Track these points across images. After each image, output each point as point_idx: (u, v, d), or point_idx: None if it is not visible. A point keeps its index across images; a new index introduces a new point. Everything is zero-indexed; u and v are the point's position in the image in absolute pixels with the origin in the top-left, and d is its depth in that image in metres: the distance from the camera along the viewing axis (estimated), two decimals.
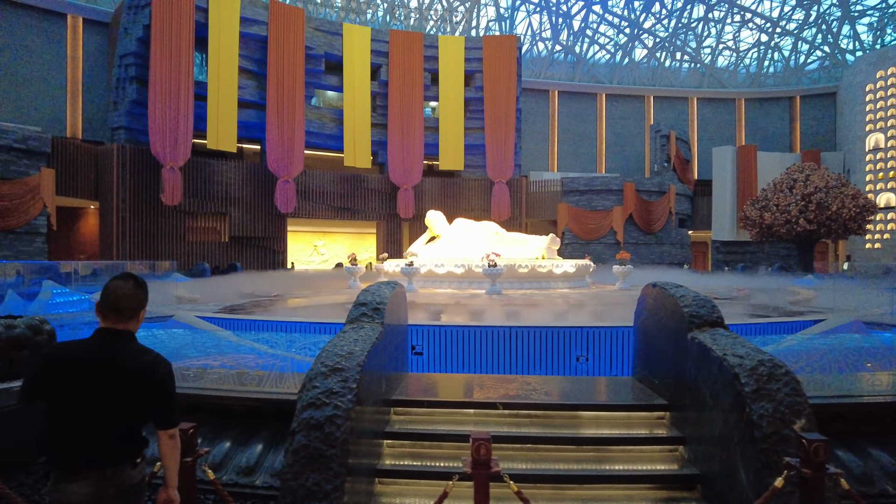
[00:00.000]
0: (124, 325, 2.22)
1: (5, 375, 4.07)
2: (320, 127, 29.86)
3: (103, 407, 2.10)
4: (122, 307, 2.21)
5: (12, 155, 21.98)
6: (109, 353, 2.15)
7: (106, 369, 2.11)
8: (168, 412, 2.21)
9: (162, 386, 2.19)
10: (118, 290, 2.23)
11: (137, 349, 2.22)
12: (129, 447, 2.17)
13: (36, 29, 27.87)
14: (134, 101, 25.18)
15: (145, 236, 25.28)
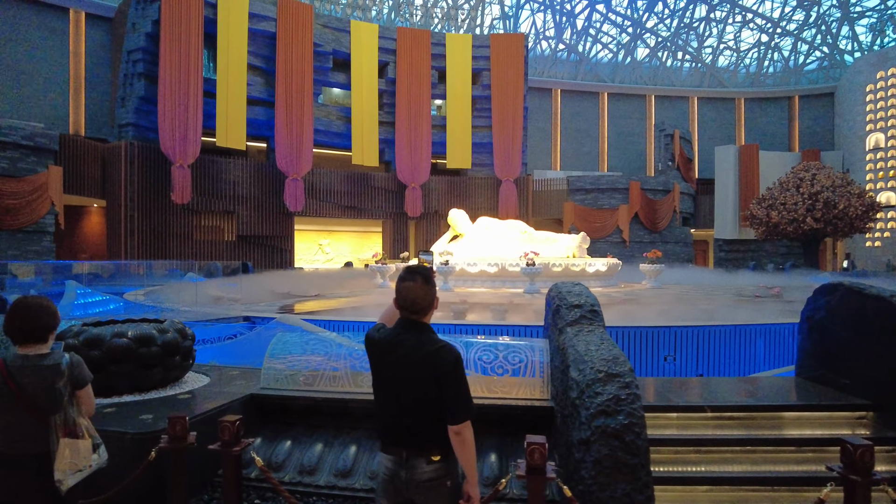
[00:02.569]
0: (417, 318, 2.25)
1: (160, 381, 3.90)
2: (327, 125, 29.60)
3: (403, 392, 2.17)
4: (418, 307, 2.22)
5: (20, 152, 21.50)
6: (409, 342, 2.18)
7: (405, 357, 2.17)
8: (450, 406, 2.13)
9: (443, 378, 2.12)
10: (412, 292, 2.20)
11: (429, 339, 2.20)
12: (421, 439, 2.15)
13: (38, 24, 27.27)
14: (142, 97, 24.76)
15: (153, 235, 24.89)
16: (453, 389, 2.13)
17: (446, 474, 2.13)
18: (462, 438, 2.12)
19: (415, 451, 2.13)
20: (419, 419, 2.14)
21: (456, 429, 2.11)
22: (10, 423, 2.07)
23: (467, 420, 2.13)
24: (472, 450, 2.13)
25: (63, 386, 2.12)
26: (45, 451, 2.10)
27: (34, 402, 2.07)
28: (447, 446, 2.14)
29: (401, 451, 2.15)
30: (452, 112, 30.98)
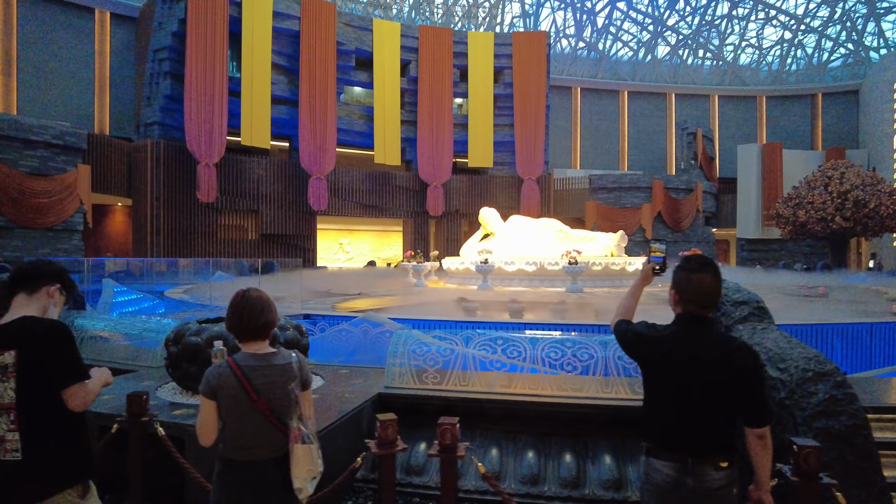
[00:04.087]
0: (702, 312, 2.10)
1: None
2: (350, 124, 29.54)
3: (693, 393, 2.01)
4: (711, 301, 2.08)
5: (50, 151, 21.56)
6: (700, 339, 2.05)
7: (697, 356, 2.02)
8: (753, 408, 2.00)
9: (744, 379, 1.98)
10: (707, 285, 2.06)
11: (723, 337, 2.09)
12: (709, 443, 2.00)
13: (64, 24, 27.38)
14: (167, 96, 24.78)
15: (178, 234, 24.90)
16: (756, 390, 2.00)
17: (734, 481, 1.99)
18: (765, 442, 2.00)
19: (701, 456, 1.98)
20: (710, 422, 2.00)
21: (760, 432, 1.99)
22: (244, 427, 1.91)
23: (771, 422, 2.02)
24: (771, 453, 2.01)
25: (295, 387, 1.98)
26: (275, 458, 1.95)
27: (270, 405, 1.92)
28: (732, 451, 2.01)
29: (685, 456, 1.98)
30: (474, 110, 30.83)
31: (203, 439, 1.91)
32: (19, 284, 1.89)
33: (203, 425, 1.91)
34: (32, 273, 1.94)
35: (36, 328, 1.82)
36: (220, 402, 1.89)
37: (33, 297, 1.90)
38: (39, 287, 1.92)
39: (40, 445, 1.75)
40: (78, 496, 1.82)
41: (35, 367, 1.76)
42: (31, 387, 1.75)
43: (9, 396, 1.71)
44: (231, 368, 1.92)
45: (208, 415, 1.90)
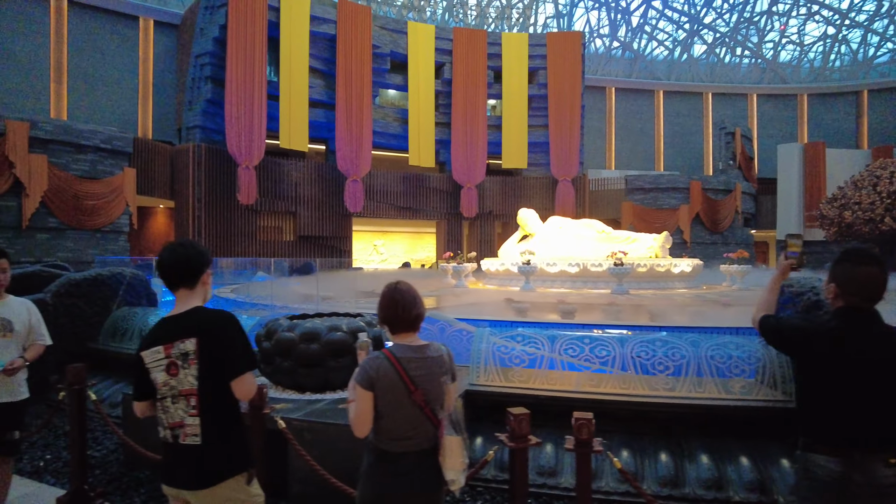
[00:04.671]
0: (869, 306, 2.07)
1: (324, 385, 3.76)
2: (384, 126, 29.76)
3: (864, 388, 1.97)
4: (878, 295, 2.05)
5: (99, 155, 22.24)
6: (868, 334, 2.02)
7: (865, 351, 1.98)
8: None
9: None
10: (874, 278, 2.03)
11: (891, 330, 2.05)
12: (879, 439, 1.95)
13: (110, 32, 28.25)
14: (209, 100, 25.33)
15: (219, 235, 25.41)
16: None
17: None
18: None
19: (869, 451, 1.95)
20: (879, 416, 1.97)
21: None
22: (400, 419, 1.95)
23: None
24: None
25: (447, 379, 2.02)
26: (426, 449, 1.98)
27: (425, 397, 1.96)
28: None
29: (851, 451, 1.95)
30: (508, 111, 30.77)
31: (358, 430, 1.95)
32: (185, 281, 1.94)
33: (359, 416, 1.94)
34: (192, 269, 1.99)
35: (212, 318, 1.89)
36: (377, 392, 1.93)
37: (195, 289, 1.96)
38: (199, 278, 1.99)
39: (217, 431, 1.81)
40: (245, 482, 1.88)
41: (212, 356, 1.82)
42: (208, 374, 1.81)
43: (189, 383, 1.78)
44: (389, 360, 1.95)
45: (366, 406, 1.93)
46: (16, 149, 19.82)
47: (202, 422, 1.80)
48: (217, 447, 1.82)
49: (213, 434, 1.81)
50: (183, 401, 1.80)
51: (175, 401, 1.81)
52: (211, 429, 1.80)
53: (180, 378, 1.80)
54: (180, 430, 1.79)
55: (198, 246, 2.07)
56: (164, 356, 1.83)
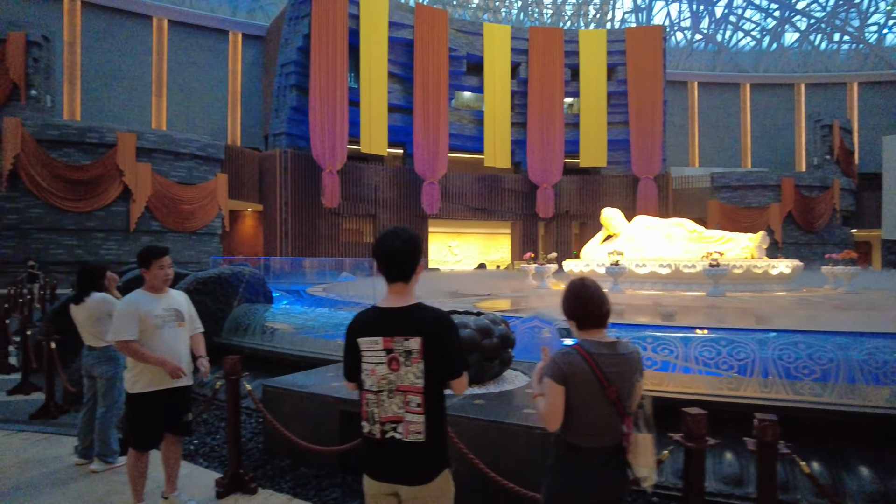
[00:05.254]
0: None
1: (493, 375, 3.86)
2: (460, 128, 29.93)
3: None
4: None
5: (194, 162, 23.65)
6: None
7: None
8: None
9: None
10: None
11: None
12: None
13: (204, 47, 30.01)
14: (294, 107, 26.35)
15: (304, 237, 26.38)
16: None
17: None
18: None
19: None
20: None
21: None
22: (592, 415, 1.96)
23: None
24: None
25: (638, 376, 2.02)
26: (614, 446, 1.99)
27: (619, 394, 1.96)
28: None
29: None
30: (586, 109, 30.19)
31: (550, 424, 1.96)
32: (405, 273, 1.95)
33: (551, 411, 1.95)
34: (416, 259, 1.99)
35: (435, 318, 1.90)
36: (569, 388, 1.94)
37: (410, 282, 1.98)
38: (416, 270, 2.01)
39: (434, 427, 1.86)
40: (450, 476, 1.93)
41: (434, 355, 1.86)
42: (430, 372, 1.86)
43: (409, 380, 1.83)
44: (581, 355, 1.96)
45: (558, 400, 1.94)
46: (125, 158, 21.41)
47: (426, 419, 1.85)
48: (435, 442, 1.87)
49: (432, 430, 1.86)
50: (400, 396, 1.85)
51: (392, 395, 1.86)
52: (431, 425, 1.85)
53: (400, 374, 1.84)
54: (398, 425, 1.83)
55: (414, 233, 2.05)
56: (384, 348, 1.86)
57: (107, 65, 28.63)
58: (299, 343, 5.46)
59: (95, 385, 3.75)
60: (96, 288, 3.72)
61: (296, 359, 5.17)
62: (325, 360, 4.95)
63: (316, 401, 3.69)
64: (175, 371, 2.89)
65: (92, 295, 3.68)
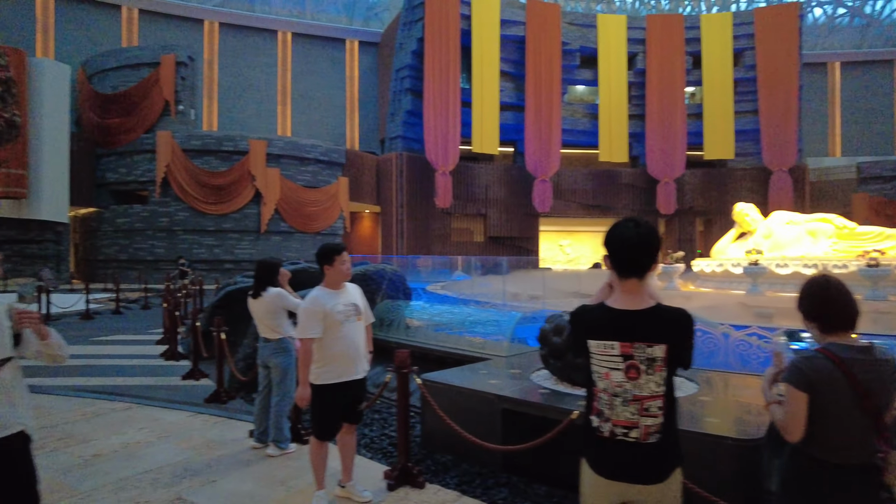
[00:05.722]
0: None
1: None
2: (573, 123, 29.22)
3: None
4: None
5: (318, 166, 24.99)
6: None
7: None
8: None
9: None
10: None
11: None
12: None
13: (323, 56, 31.68)
14: (408, 111, 27.04)
15: (418, 237, 27.00)
16: None
17: None
18: None
19: None
20: None
21: None
22: (841, 426, 1.74)
23: None
24: None
25: None
26: (868, 464, 1.76)
27: (876, 404, 1.74)
28: None
29: None
30: (710, 98, 28.31)
31: (792, 434, 1.77)
32: (645, 267, 1.78)
33: (794, 419, 1.76)
34: (652, 252, 1.75)
35: (679, 319, 1.76)
36: (814, 396, 1.73)
37: (644, 280, 1.82)
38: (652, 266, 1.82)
39: (670, 426, 1.75)
40: (681, 475, 1.81)
41: (676, 360, 1.74)
42: (670, 377, 1.74)
43: (650, 389, 1.71)
44: (830, 360, 1.75)
45: (800, 408, 1.74)
46: (256, 164, 23.08)
47: (664, 419, 1.73)
48: (671, 440, 1.75)
49: (668, 427, 1.74)
50: (636, 405, 1.73)
51: (626, 403, 1.74)
52: (667, 424, 1.73)
53: (640, 383, 1.71)
54: (633, 430, 1.72)
55: (652, 223, 1.83)
56: (620, 354, 1.74)
57: (239, 78, 31.05)
58: (444, 340, 5.51)
59: (270, 374, 3.99)
60: (272, 283, 3.95)
61: (441, 355, 5.22)
62: (474, 357, 4.95)
63: (476, 397, 3.68)
64: (301, 400, 3.01)
65: (268, 290, 3.91)
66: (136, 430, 4.51)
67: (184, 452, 3.96)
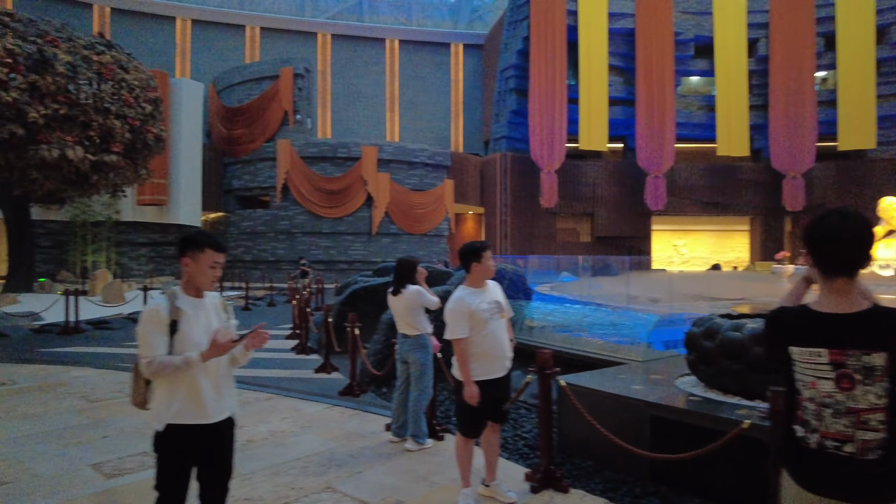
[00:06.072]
0: None
1: None
2: (687, 116, 27.70)
3: None
4: None
5: (425, 170, 25.53)
6: None
7: None
8: None
9: None
10: None
11: None
12: None
13: (429, 62, 32.35)
14: (513, 111, 26.93)
15: (522, 237, 26.79)
16: None
17: None
18: None
19: None
20: None
21: None
22: None
23: None
24: None
25: None
26: None
27: None
28: None
29: None
30: (846, 82, 25.66)
31: None
32: (853, 264, 1.62)
33: None
34: (865, 246, 1.59)
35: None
36: None
37: (854, 279, 1.65)
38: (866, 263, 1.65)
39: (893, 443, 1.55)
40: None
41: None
42: (892, 388, 1.55)
43: (868, 402, 1.53)
44: None
45: None
46: (368, 169, 23.98)
47: (886, 434, 1.53)
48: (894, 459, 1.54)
49: (893, 445, 1.54)
50: (851, 417, 1.55)
51: (838, 416, 1.56)
52: (891, 440, 1.53)
53: (855, 395, 1.52)
54: (846, 444, 1.54)
55: (864, 215, 1.66)
56: (829, 362, 1.56)
57: (350, 87, 32.48)
58: (572, 342, 5.37)
59: (408, 370, 4.08)
60: (411, 280, 4.03)
61: (570, 357, 5.09)
62: (606, 361, 4.78)
63: (620, 402, 3.52)
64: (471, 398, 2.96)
65: (408, 287, 4.00)
66: (279, 419, 4.79)
67: (327, 443, 4.14)
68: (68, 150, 12.99)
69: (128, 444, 4.11)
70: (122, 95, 14.27)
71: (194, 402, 1.99)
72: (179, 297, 2.02)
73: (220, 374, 2.09)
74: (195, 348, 1.97)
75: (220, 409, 2.06)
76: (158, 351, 1.93)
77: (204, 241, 2.00)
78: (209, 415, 2.02)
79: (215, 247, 2.02)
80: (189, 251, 2.00)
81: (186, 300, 2.02)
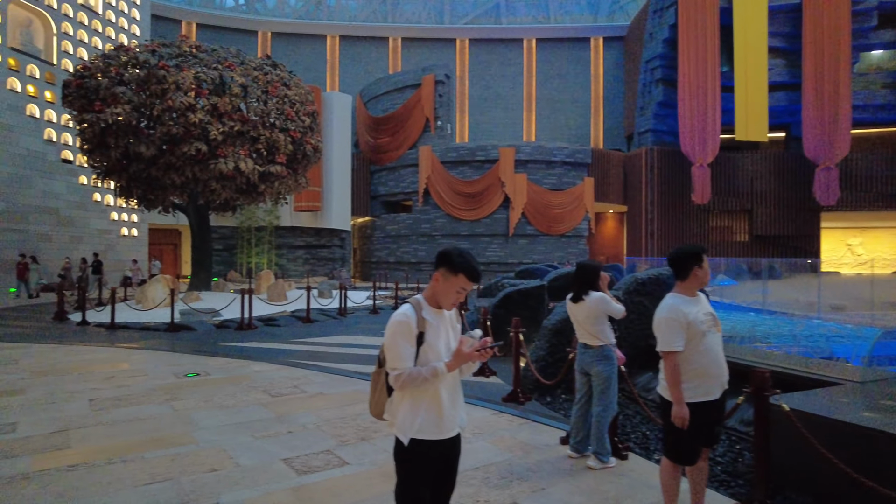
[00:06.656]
0: None
1: None
2: (867, 98, 24.31)
3: None
4: None
5: (564, 169, 24.93)
6: None
7: None
8: None
9: None
10: None
11: None
12: None
13: (567, 57, 31.61)
14: (660, 102, 25.40)
15: (670, 237, 25.16)
16: None
17: None
18: None
19: None
20: None
21: None
22: None
23: None
24: None
25: None
26: None
27: None
28: None
29: None
30: None
31: None
32: None
33: None
34: None
35: None
36: None
37: None
38: None
39: None
40: None
41: None
42: None
43: None
44: None
45: None
46: (505, 170, 23.93)
47: None
48: None
49: None
50: None
51: None
52: None
53: None
54: None
55: None
56: None
57: (487, 90, 32.70)
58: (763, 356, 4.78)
59: (589, 381, 3.84)
60: (594, 287, 3.79)
61: None
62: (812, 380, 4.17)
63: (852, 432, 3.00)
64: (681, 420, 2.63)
65: (590, 294, 3.76)
66: None
67: (503, 453, 4.03)
68: (241, 162, 14.37)
69: (311, 440, 4.30)
70: (285, 110, 15.52)
71: (436, 415, 1.95)
72: (425, 307, 1.98)
73: (455, 385, 2.04)
74: (438, 360, 1.92)
75: (454, 422, 2.02)
76: (408, 363, 1.90)
77: (460, 267, 1.91)
78: (447, 428, 1.98)
79: (470, 276, 1.93)
80: (443, 268, 1.94)
81: (431, 311, 1.98)
